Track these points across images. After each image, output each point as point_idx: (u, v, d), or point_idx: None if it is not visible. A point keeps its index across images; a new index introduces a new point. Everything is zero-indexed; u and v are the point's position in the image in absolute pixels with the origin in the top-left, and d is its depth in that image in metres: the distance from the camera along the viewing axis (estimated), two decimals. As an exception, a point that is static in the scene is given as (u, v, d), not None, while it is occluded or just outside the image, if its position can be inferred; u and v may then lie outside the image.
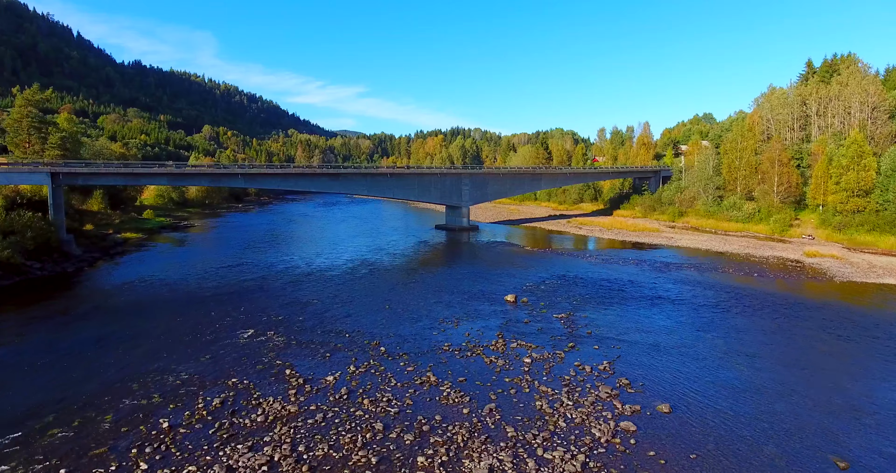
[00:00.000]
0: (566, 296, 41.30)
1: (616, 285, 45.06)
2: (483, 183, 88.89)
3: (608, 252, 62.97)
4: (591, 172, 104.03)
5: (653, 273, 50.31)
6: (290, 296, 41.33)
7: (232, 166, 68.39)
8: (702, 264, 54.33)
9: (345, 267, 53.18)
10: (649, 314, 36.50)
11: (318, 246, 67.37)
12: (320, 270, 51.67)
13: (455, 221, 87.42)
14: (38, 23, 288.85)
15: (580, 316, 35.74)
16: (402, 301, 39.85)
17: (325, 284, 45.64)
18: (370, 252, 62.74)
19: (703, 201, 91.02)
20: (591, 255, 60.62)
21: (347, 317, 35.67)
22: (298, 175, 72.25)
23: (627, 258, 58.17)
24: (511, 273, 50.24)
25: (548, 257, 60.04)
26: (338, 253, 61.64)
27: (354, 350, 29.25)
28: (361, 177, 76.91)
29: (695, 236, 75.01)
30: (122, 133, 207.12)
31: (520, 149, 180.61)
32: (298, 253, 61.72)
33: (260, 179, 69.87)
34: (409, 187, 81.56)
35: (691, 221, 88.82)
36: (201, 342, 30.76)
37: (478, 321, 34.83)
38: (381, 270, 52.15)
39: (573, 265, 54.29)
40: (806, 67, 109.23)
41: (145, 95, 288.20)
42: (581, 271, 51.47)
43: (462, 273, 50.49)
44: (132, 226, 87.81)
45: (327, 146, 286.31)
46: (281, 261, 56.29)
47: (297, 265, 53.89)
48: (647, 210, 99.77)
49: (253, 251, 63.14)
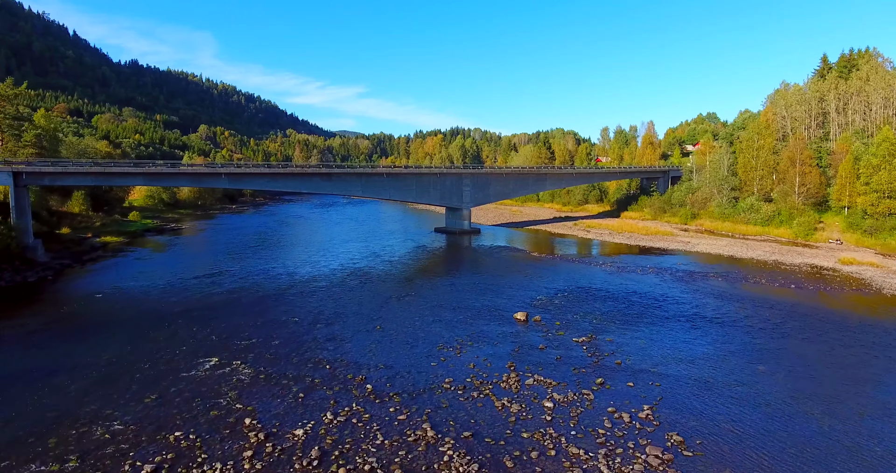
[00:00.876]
0: (584, 313, 35.71)
1: (639, 299, 39.48)
2: (485, 184, 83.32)
3: (622, 259, 57.39)
4: (599, 173, 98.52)
5: (677, 284, 44.71)
6: (268, 313, 35.71)
7: (214, 166, 62.84)
8: (729, 273, 48.74)
9: (334, 277, 47.57)
10: (686, 337, 30.88)
11: (308, 252, 61.75)
12: (306, 280, 46.05)
13: (455, 223, 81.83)
14: (33, 22, 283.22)
15: (604, 340, 30.13)
16: (395, 320, 34.25)
17: (309, 298, 40.01)
18: (364, 259, 57.13)
19: (716, 202, 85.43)
20: (605, 262, 55.06)
21: (330, 341, 30.05)
22: (288, 175, 66.61)
23: (644, 266, 52.61)
24: (518, 284, 44.63)
25: (557, 264, 54.47)
26: (328, 260, 56.03)
27: (335, 388, 23.65)
28: (356, 177, 71.31)
29: (712, 240, 69.45)
30: (116, 133, 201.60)
31: (521, 149, 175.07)
32: (285, 260, 56.12)
33: (246, 179, 64.23)
34: (407, 188, 75.97)
35: (705, 223, 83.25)
36: (153, 374, 25.16)
37: (484, 346, 29.23)
38: (374, 280, 46.53)
39: (586, 274, 48.70)
40: (821, 63, 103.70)
41: (142, 94, 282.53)
42: (596, 281, 45.88)
43: (464, 284, 44.87)
44: (114, 229, 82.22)
45: (326, 146, 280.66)
46: (265, 269, 50.68)
47: (281, 275, 48.26)
48: (656, 212, 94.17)
49: (237, 258, 57.54)
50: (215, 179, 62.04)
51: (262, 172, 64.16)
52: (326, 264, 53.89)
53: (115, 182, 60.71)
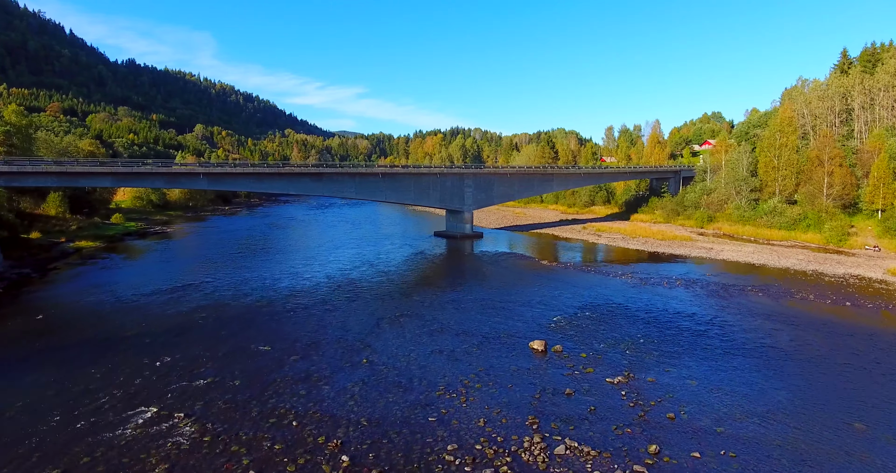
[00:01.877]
0: (613, 340, 29.45)
1: (674, 321, 33.23)
2: (488, 184, 77.05)
3: (642, 268, 51.14)
4: (608, 173, 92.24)
5: (713, 300, 38.45)
6: (235, 339, 29.47)
7: (191, 165, 56.50)
8: (768, 287, 42.46)
9: (319, 291, 41.28)
10: (747, 377, 24.55)
11: (294, 260, 55.48)
12: (287, 295, 39.78)
13: (456, 227, 75.57)
14: (29, 20, 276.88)
15: (644, 380, 23.87)
16: (387, 350, 27.98)
17: (286, 319, 33.76)
18: (355, 268, 50.86)
19: (735, 204, 79.16)
20: (624, 272, 48.81)
21: (304, 381, 23.80)
22: (274, 176, 60.31)
23: (670, 277, 46.37)
24: (530, 300, 38.37)
25: (570, 275, 48.20)
26: (315, 270, 49.75)
27: (299, 460, 17.40)
28: (348, 178, 65.02)
29: (736, 246, 63.18)
30: (110, 132, 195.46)
31: (524, 148, 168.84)
32: (267, 270, 49.84)
33: (226, 180, 57.90)
34: (405, 190, 69.69)
35: (723, 227, 76.99)
36: (67, 435, 18.94)
37: (496, 389, 22.97)
38: (364, 296, 40.24)
39: (606, 288, 42.45)
40: (840, 57, 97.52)
41: (138, 94, 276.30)
42: (619, 296, 39.63)
43: (468, 301, 38.59)
44: (91, 233, 76.02)
45: (324, 146, 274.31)
46: (242, 281, 44.41)
47: (259, 288, 41.98)
48: (669, 214, 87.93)
49: (215, 267, 51.28)
50: (192, 179, 55.79)
51: (244, 173, 57.85)
52: (312, 275, 47.60)
53: (81, 182, 54.42)
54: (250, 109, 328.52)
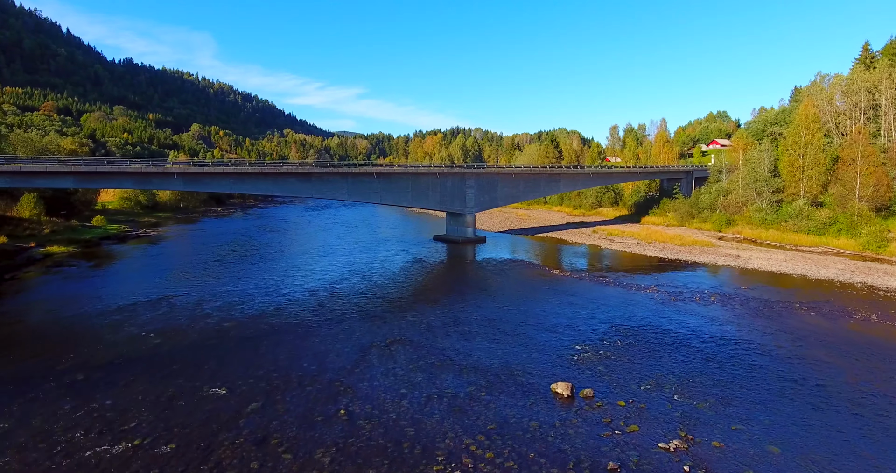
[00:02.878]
0: (654, 378, 23.44)
1: (722, 350, 27.20)
2: (491, 185, 71.04)
3: (667, 279, 45.12)
4: (617, 173, 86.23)
5: (760, 322, 32.39)
6: (185, 377, 23.46)
7: (162, 162, 50.41)
8: (819, 305, 36.40)
9: (298, 311, 35.27)
10: (856, 443, 18.47)
11: (278, 270, 49.47)
12: (260, 316, 33.75)
13: (457, 231, 69.56)
14: (24, 18, 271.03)
15: (709, 446, 17.82)
16: (371, 395, 21.97)
17: (254, 347, 27.73)
18: (344, 280, 44.85)
19: (755, 207, 73.11)
20: (647, 284, 42.80)
21: (258, 447, 17.76)
22: (257, 176, 54.27)
23: (701, 290, 40.35)
24: (545, 321, 32.37)
25: (587, 287, 42.18)
26: (298, 282, 43.71)
27: None
28: (340, 178, 58.96)
29: (764, 253, 57.13)
30: (103, 131, 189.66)
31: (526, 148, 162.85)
32: (245, 282, 43.83)
33: (204, 180, 51.83)
34: (402, 191, 63.68)
35: (744, 231, 70.91)
36: None
37: (513, 462, 16.93)
38: (350, 316, 34.21)
39: (631, 304, 36.43)
40: (862, 51, 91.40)
41: (135, 93, 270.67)
42: (647, 315, 33.62)
43: (471, 322, 32.56)
44: (65, 237, 70.03)
45: (323, 146, 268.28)
46: (213, 296, 38.41)
47: (230, 305, 35.97)
48: (683, 217, 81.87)
49: (187, 278, 45.32)
50: (165, 179, 49.79)
51: (223, 172, 51.76)
52: (294, 289, 41.57)
53: (37, 183, 48.38)
54: (249, 109, 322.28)
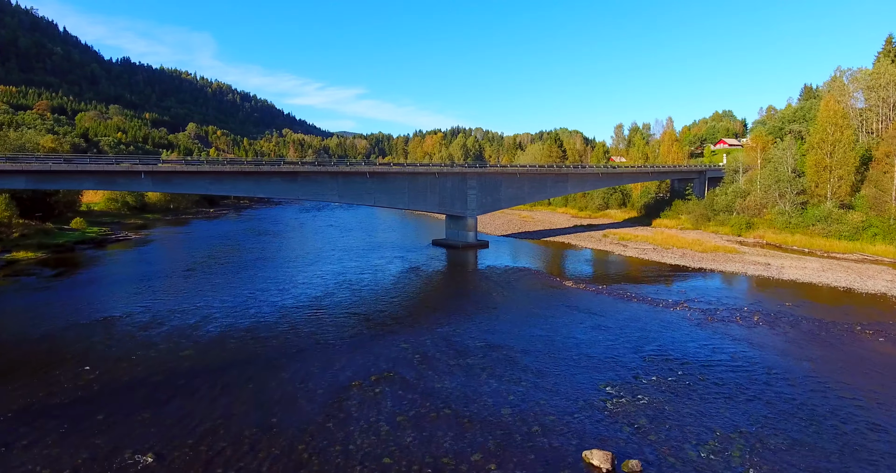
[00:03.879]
0: (718, 440, 17.66)
1: (789, 393, 21.44)
2: (494, 186, 65.33)
3: (696, 293, 39.37)
4: (628, 173, 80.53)
5: (819, 352, 26.63)
6: (106, 435, 17.67)
7: (127, 160, 44.56)
8: (884, 327, 30.58)
9: (267, 336, 29.51)
10: None
11: (256, 281, 43.73)
12: (220, 343, 27.99)
13: (458, 235, 63.87)
14: (20, 17, 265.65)
15: None
16: (345, 467, 16.26)
17: (205, 388, 21.97)
18: (329, 294, 39.09)
19: (778, 209, 67.39)
20: (674, 298, 37.09)
21: None
22: (236, 175, 48.52)
23: (739, 307, 34.64)
24: (564, 350, 26.63)
25: (607, 304, 36.45)
26: (274, 297, 37.92)
27: None
28: (329, 178, 53.23)
29: (794, 260, 51.37)
30: (97, 130, 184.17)
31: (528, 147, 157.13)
32: (216, 295, 38.09)
33: (177, 179, 46.10)
34: (398, 192, 57.97)
35: (766, 235, 65.16)
36: None
37: None
38: (329, 342, 28.46)
39: (661, 326, 30.71)
40: (885, 44, 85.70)
41: (132, 92, 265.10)
42: (683, 340, 27.90)
43: (474, 351, 26.81)
44: (36, 241, 64.30)
45: (322, 146, 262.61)
46: (173, 314, 32.68)
47: (189, 328, 30.20)
48: (698, 220, 76.13)
49: (154, 290, 39.63)
50: (132, 179, 44.07)
51: (197, 171, 45.98)
52: (266, 307, 35.80)
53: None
54: (247, 109, 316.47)
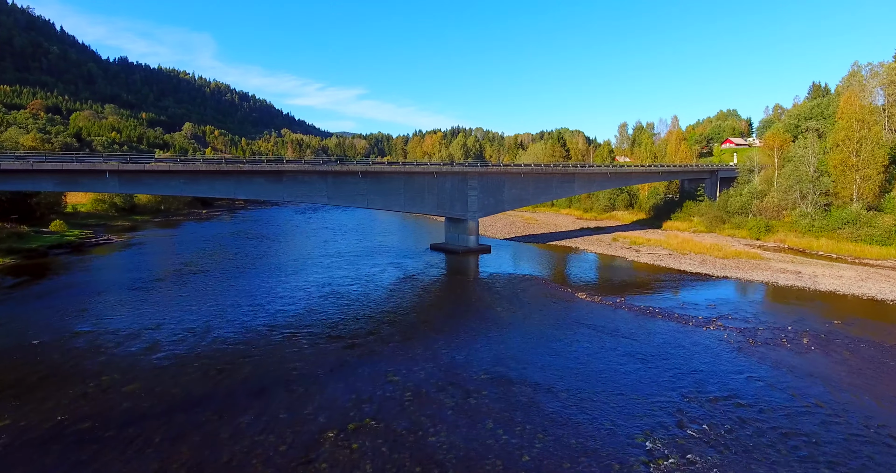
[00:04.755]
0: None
1: (880, 455, 16.74)
2: (497, 186, 60.50)
3: (729, 307, 34.52)
4: (637, 172, 75.69)
5: None
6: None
7: (90, 158, 39.61)
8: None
9: (236, 362, 24.60)
10: None
11: (235, 291, 38.86)
12: (183, 369, 23.09)
13: (458, 239, 59.07)
14: (16, 16, 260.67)
15: None
16: None
17: (150, 434, 17.04)
18: (308, 312, 34.24)
19: (799, 211, 62.56)
20: (707, 315, 32.27)
21: None
22: (214, 174, 43.62)
23: (782, 325, 29.82)
24: (587, 385, 21.79)
25: (630, 321, 31.60)
26: (245, 315, 33.01)
27: None
28: (318, 178, 48.38)
29: (825, 267, 46.53)
30: (90, 130, 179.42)
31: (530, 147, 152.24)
32: (180, 310, 33.21)
33: (147, 180, 41.21)
34: (393, 193, 53.14)
35: (788, 239, 60.31)
36: None
37: None
38: (301, 373, 23.59)
39: (700, 351, 25.85)
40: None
41: (129, 92, 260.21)
42: (730, 372, 23.03)
43: (477, 388, 21.93)
44: (7, 246, 59.59)
45: (320, 146, 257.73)
46: (137, 334, 27.82)
47: (148, 352, 25.37)
48: (712, 222, 71.26)
49: (114, 304, 34.80)
50: (96, 179, 39.22)
51: (169, 170, 41.10)
52: (236, 326, 30.90)
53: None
54: (246, 109, 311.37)
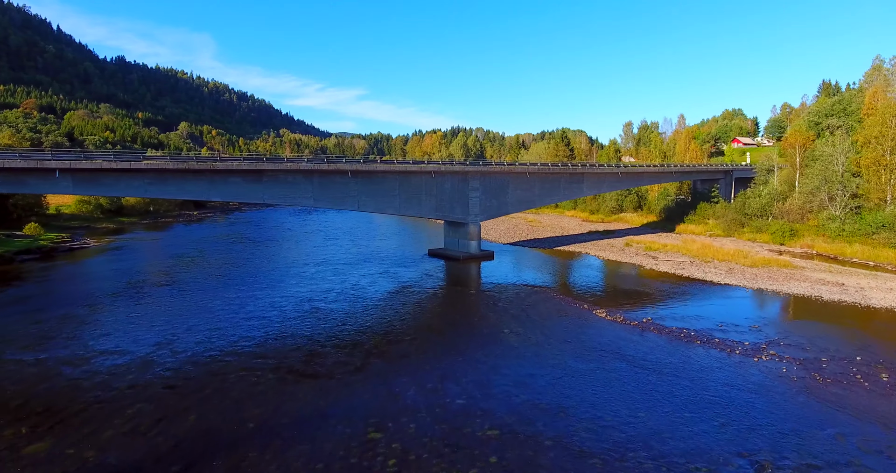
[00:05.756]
0: None
1: None
2: (500, 187, 55.28)
3: (776, 330, 29.31)
4: (650, 172, 70.41)
5: None
6: None
7: (35, 156, 34.36)
8: None
9: (169, 411, 19.42)
10: None
11: (198, 309, 33.60)
12: (111, 413, 17.96)
13: (458, 244, 53.86)
14: (12, 14, 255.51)
15: None
16: None
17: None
18: (279, 336, 28.95)
19: (827, 214, 57.39)
20: (754, 341, 27.08)
21: None
22: (183, 173, 38.36)
23: (846, 354, 24.60)
24: (620, 448, 16.62)
25: (662, 348, 26.36)
26: (206, 337, 27.72)
27: None
28: (303, 177, 43.13)
29: (869, 278, 41.28)
30: (81, 129, 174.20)
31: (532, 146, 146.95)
32: (131, 335, 27.98)
33: (105, 180, 35.93)
34: (387, 194, 47.90)
35: (816, 245, 55.06)
36: None
37: None
38: (260, 426, 18.33)
39: (758, 395, 20.64)
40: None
41: (126, 91, 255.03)
42: (810, 427, 17.84)
43: (480, 453, 16.67)
44: (-32, 252, 54.59)
45: (319, 146, 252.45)
46: (68, 362, 22.66)
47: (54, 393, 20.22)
48: (729, 225, 65.96)
49: (65, 323, 29.61)
50: (45, 178, 33.97)
51: (132, 169, 35.82)
52: (184, 357, 25.66)
53: None
54: (244, 109, 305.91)
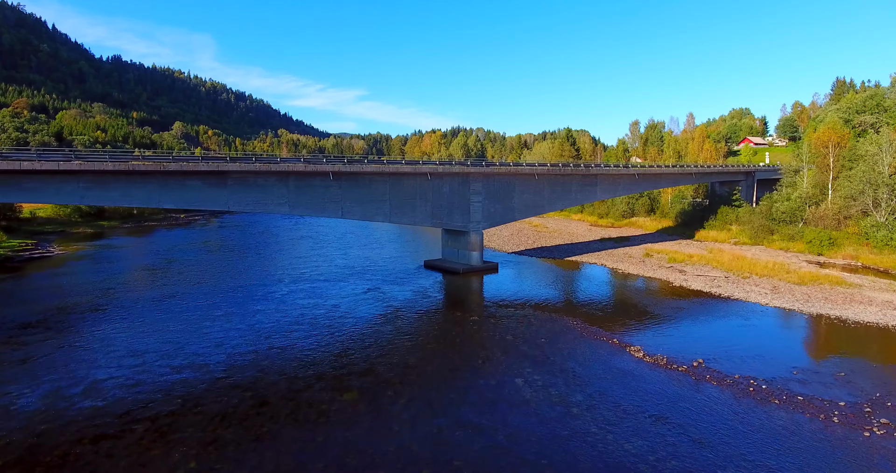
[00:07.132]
0: None
1: None
2: (505, 190, 48.55)
3: (872, 382, 22.69)
4: (669, 173, 63.66)
5: None
6: None
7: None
8: None
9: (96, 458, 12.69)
10: None
11: (150, 334, 26.86)
12: None
13: (458, 255, 47.16)
14: (5, 13, 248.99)
15: None
16: None
17: None
18: (233, 372, 22.25)
19: (871, 221, 50.68)
20: (852, 403, 20.50)
21: None
22: (131, 175, 31.68)
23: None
24: None
25: (727, 410, 19.68)
26: (148, 376, 21.07)
27: None
28: (277, 180, 36.47)
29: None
30: (72, 128, 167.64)
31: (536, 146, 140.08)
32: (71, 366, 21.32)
33: (28, 184, 29.09)
34: (375, 199, 41.17)
35: (861, 256, 48.29)
36: None
37: None
38: None
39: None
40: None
41: (121, 91, 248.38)
42: None
43: None
44: None
45: (318, 147, 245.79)
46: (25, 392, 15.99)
47: None
48: (757, 232, 59.14)
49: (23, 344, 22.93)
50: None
51: (62, 170, 29.08)
52: (113, 399, 19.01)
53: None
54: (242, 109, 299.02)
